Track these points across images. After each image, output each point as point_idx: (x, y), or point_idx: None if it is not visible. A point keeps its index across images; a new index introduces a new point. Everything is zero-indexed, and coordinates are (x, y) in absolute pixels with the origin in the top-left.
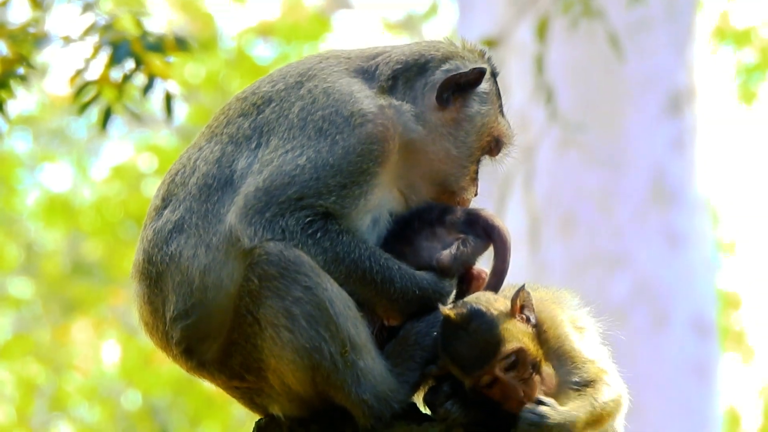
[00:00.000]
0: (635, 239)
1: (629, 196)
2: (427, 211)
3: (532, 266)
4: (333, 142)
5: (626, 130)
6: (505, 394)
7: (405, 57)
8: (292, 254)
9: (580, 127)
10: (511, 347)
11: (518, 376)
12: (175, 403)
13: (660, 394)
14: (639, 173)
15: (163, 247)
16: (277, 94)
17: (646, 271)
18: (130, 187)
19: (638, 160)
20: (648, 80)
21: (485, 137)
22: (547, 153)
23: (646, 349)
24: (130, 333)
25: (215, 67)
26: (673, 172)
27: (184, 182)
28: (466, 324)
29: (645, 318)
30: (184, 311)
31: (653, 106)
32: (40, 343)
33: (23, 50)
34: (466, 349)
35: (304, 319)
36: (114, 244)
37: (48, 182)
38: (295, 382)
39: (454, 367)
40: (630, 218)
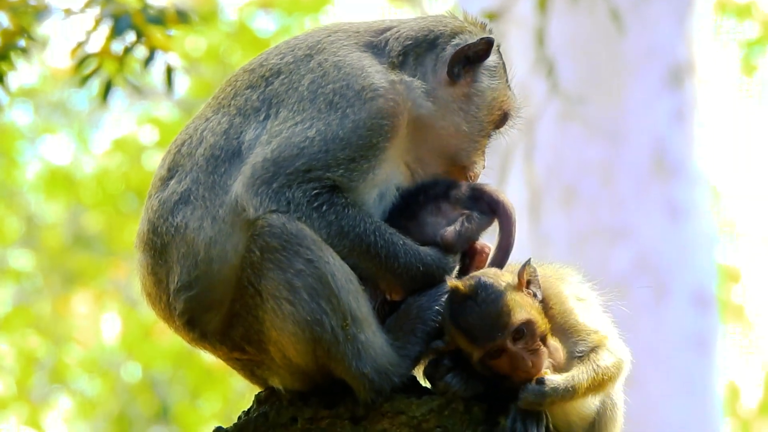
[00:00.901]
0: (636, 212)
1: (630, 169)
2: (432, 187)
3: (532, 239)
4: (343, 116)
5: (627, 103)
6: (513, 365)
7: (414, 33)
8: (295, 227)
9: (581, 100)
10: (520, 318)
11: (526, 347)
12: (175, 376)
13: (660, 366)
14: (640, 146)
15: (168, 218)
16: (286, 66)
17: (647, 243)
18: (131, 160)
19: (639, 133)
20: (649, 53)
21: (496, 111)
22: (547, 126)
23: (647, 321)
24: (130, 305)
25: (216, 40)
26: (674, 144)
27: (190, 153)
28: (474, 295)
29: (645, 291)
30: (188, 283)
31: (654, 78)
32: (40, 316)
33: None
34: (477, 321)
35: (306, 291)
36: (115, 216)
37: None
38: (295, 354)
39: (463, 339)
40: (631, 191)
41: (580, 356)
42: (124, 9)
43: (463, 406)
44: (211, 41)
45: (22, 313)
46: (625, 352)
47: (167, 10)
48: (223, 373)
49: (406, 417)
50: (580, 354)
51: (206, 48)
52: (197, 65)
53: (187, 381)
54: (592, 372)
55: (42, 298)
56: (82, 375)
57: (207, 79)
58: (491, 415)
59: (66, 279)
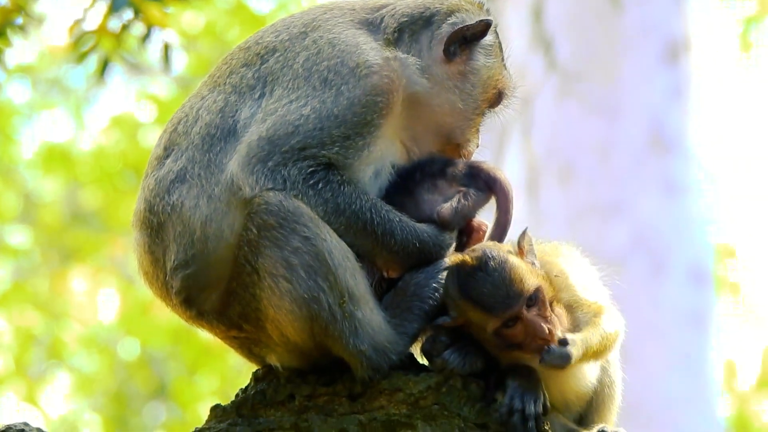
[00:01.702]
0: (633, 188)
1: (627, 146)
2: (428, 164)
3: (530, 216)
4: (338, 93)
5: (624, 80)
6: (529, 333)
7: (410, 10)
8: (292, 204)
9: (578, 77)
10: (533, 284)
11: (540, 314)
12: (173, 352)
13: (657, 342)
14: (637, 122)
15: (164, 197)
16: (282, 44)
17: (644, 220)
18: (129, 137)
19: (636, 110)
20: (646, 29)
21: (491, 90)
22: (545, 102)
23: (644, 297)
24: (128, 282)
25: (214, 17)
26: (671, 121)
27: (186, 132)
28: (483, 265)
29: (643, 267)
30: (185, 261)
31: (651, 55)
32: (37, 292)
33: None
34: (491, 290)
35: (303, 269)
36: (112, 193)
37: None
38: (292, 332)
39: (477, 312)
40: (628, 167)
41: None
42: None
43: (460, 383)
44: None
45: (19, 289)
46: (621, 322)
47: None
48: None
49: (403, 394)
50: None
51: (204, 25)
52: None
53: (184, 358)
54: (599, 336)
55: (39, 274)
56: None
57: (204, 57)
58: (489, 392)
59: (63, 256)
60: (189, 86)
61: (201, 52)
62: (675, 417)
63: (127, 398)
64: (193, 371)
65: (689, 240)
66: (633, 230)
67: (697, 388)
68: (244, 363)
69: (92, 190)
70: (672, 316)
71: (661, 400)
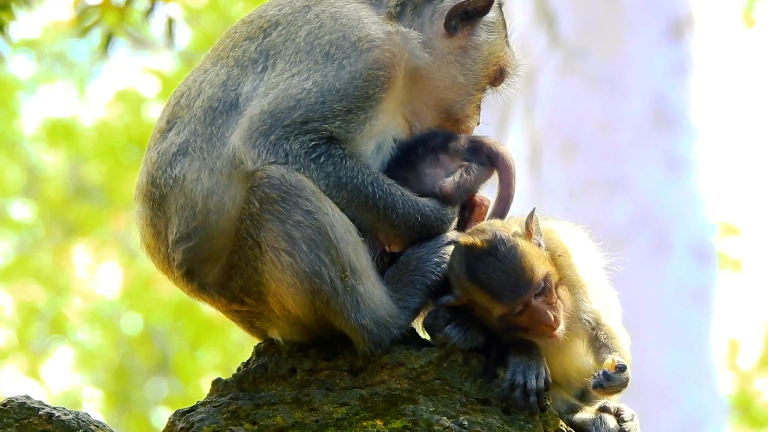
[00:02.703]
0: (635, 164)
1: (629, 122)
2: (431, 138)
3: (532, 191)
4: (339, 67)
5: (627, 55)
6: (535, 320)
7: None
8: (294, 178)
9: (581, 53)
10: (542, 272)
11: (546, 300)
12: (175, 327)
13: (659, 320)
14: (639, 98)
15: (167, 170)
16: (284, 17)
17: (646, 196)
18: (132, 112)
19: (639, 86)
20: (649, 5)
21: (491, 66)
22: (547, 78)
23: (646, 274)
24: (130, 256)
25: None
26: (674, 97)
27: (189, 105)
28: (494, 250)
29: (645, 243)
30: (186, 234)
31: (654, 31)
32: (41, 267)
33: None
34: (500, 278)
35: (305, 243)
36: (115, 167)
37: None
38: (294, 306)
39: (484, 296)
40: (630, 143)
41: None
42: None
43: (462, 358)
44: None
45: (22, 263)
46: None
47: None
48: (222, 325)
49: (405, 369)
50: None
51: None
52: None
53: (186, 332)
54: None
55: (42, 248)
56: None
57: (208, 31)
58: (490, 367)
59: (66, 230)
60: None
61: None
62: (677, 394)
63: (130, 373)
64: (195, 346)
65: (691, 217)
66: (635, 206)
67: (700, 365)
68: (246, 338)
69: (95, 165)
70: (674, 294)
71: (663, 377)
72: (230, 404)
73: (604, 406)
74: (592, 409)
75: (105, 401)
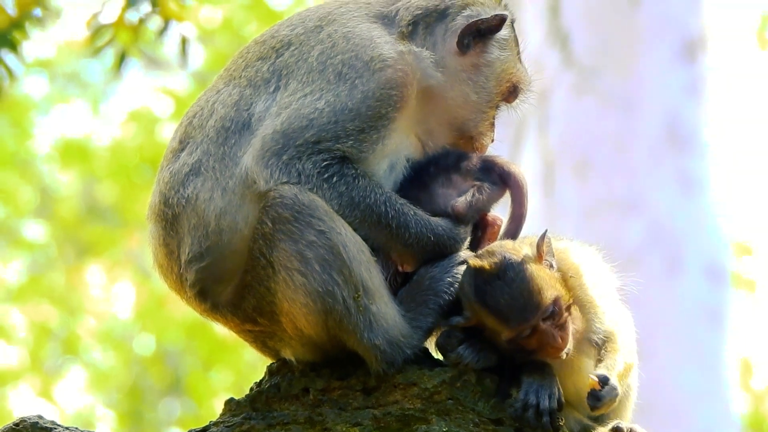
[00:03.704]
0: (649, 184)
1: (643, 141)
2: (443, 158)
3: (546, 211)
4: (352, 87)
5: (641, 75)
6: (542, 342)
7: (425, 3)
8: (307, 198)
9: (595, 72)
10: (551, 297)
11: (555, 323)
12: (188, 347)
13: (673, 339)
14: (653, 118)
15: (179, 190)
16: (297, 37)
17: (660, 215)
18: (146, 131)
19: (652, 105)
20: (663, 25)
21: (504, 83)
22: (561, 97)
23: (659, 294)
24: (143, 276)
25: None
26: (687, 117)
27: (201, 125)
28: (502, 274)
29: (658, 262)
30: (199, 254)
31: (667, 51)
32: (53, 286)
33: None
34: (508, 301)
35: (318, 262)
36: (129, 187)
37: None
38: (307, 325)
39: (493, 320)
40: (644, 163)
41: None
42: None
43: (475, 377)
44: (226, 13)
45: (35, 283)
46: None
47: None
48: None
49: (418, 389)
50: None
51: (221, 20)
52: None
53: (199, 352)
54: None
55: (55, 268)
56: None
57: (222, 52)
58: (503, 387)
59: (79, 250)
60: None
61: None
62: (690, 414)
63: (142, 393)
64: (208, 366)
65: (705, 236)
66: (649, 226)
67: (713, 385)
68: (259, 358)
69: (109, 185)
70: (688, 313)
71: (676, 397)
72: (243, 424)
73: (617, 427)
74: (605, 429)
75: (118, 421)
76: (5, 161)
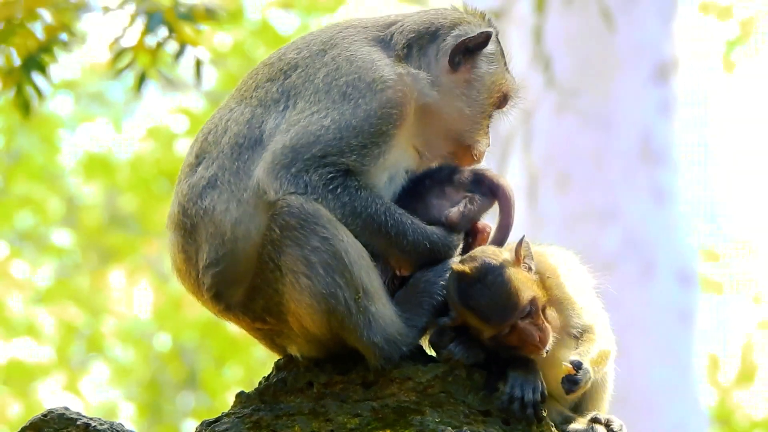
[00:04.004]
0: (624, 196)
1: (619, 156)
2: (437, 172)
3: (530, 220)
4: (356, 106)
5: (617, 95)
6: (522, 340)
7: (417, 26)
8: (312, 207)
9: (575, 93)
10: (527, 297)
11: (533, 322)
12: (202, 345)
13: (646, 338)
14: (628, 135)
15: (197, 201)
16: (303, 60)
17: (634, 225)
18: (163, 147)
19: (628, 123)
20: (637, 49)
21: (495, 93)
22: (544, 116)
23: (634, 296)
24: (161, 280)
25: (241, 37)
26: (660, 134)
27: (216, 141)
28: (482, 277)
29: (633, 268)
30: (216, 260)
31: (642, 73)
32: (79, 289)
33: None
34: (488, 303)
35: (321, 266)
36: (148, 198)
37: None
38: (312, 324)
39: (475, 319)
40: (620, 176)
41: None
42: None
43: (465, 372)
44: (236, 37)
45: (62, 286)
46: (611, 340)
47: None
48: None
49: (413, 382)
50: (574, 328)
51: (232, 44)
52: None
53: (213, 350)
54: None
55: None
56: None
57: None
58: (491, 381)
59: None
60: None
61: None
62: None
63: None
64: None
65: (676, 243)
66: (624, 234)
67: (683, 380)
68: (268, 355)
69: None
70: (660, 314)
71: (649, 390)
72: (252, 415)
73: (595, 417)
74: (584, 419)
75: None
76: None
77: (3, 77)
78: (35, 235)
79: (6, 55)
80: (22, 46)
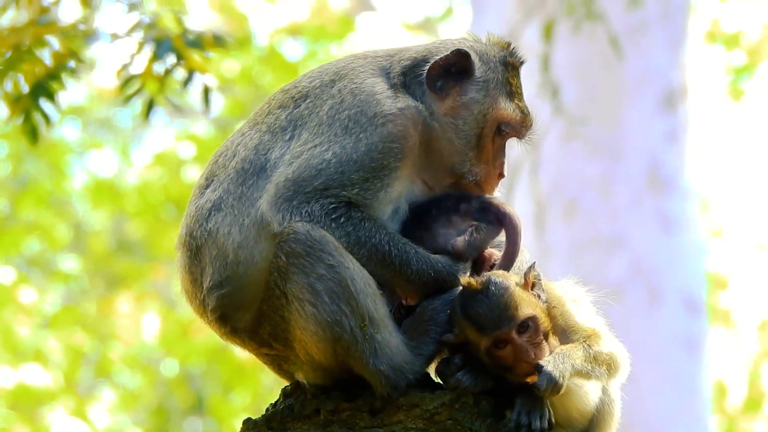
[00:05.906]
0: (632, 223)
1: (626, 184)
2: (444, 200)
3: (537, 248)
4: (357, 140)
5: (624, 124)
6: (517, 356)
7: (414, 55)
8: (318, 234)
9: (583, 121)
10: (527, 312)
11: (530, 340)
12: (210, 371)
13: (653, 366)
14: (636, 163)
15: (203, 223)
16: (313, 90)
17: (641, 252)
18: (171, 173)
19: (635, 151)
20: (645, 78)
21: (488, 122)
22: (552, 144)
23: (641, 324)
24: (169, 306)
25: (249, 64)
26: (667, 162)
27: (224, 165)
28: (485, 289)
29: (640, 296)
30: (219, 282)
31: (649, 101)
32: (86, 315)
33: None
34: (485, 311)
35: (327, 294)
36: (155, 224)
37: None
38: (317, 352)
39: (471, 329)
40: (627, 204)
41: None
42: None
43: (472, 400)
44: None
45: (69, 312)
46: (619, 347)
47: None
48: (253, 369)
49: (420, 410)
50: None
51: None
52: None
53: (220, 376)
54: (582, 350)
55: (88, 298)
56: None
57: (240, 100)
58: (498, 409)
59: (110, 281)
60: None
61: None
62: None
63: (168, 413)
64: (228, 388)
65: (683, 271)
66: (631, 262)
67: (690, 407)
68: (275, 381)
69: (137, 222)
70: (667, 342)
71: (656, 418)
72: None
73: None
74: None
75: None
76: (42, 200)
77: (11, 104)
78: (43, 261)
79: (14, 81)
80: (30, 72)
